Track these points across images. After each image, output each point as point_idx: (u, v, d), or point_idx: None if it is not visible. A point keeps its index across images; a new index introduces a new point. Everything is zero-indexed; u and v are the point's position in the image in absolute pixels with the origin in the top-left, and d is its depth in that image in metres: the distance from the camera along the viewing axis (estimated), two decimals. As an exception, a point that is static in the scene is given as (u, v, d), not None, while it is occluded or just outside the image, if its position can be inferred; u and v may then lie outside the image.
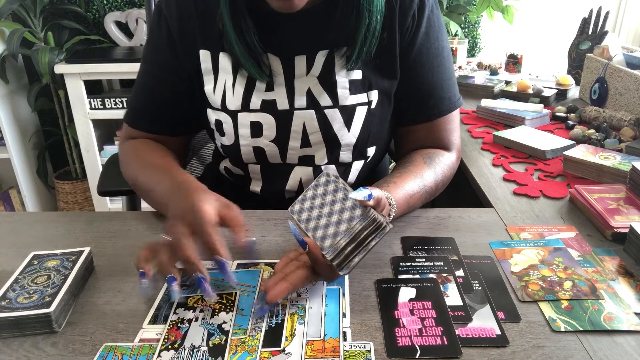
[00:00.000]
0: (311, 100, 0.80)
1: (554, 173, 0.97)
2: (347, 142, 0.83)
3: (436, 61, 0.84)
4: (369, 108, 0.82)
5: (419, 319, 0.57)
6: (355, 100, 0.81)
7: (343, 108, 0.81)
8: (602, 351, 0.53)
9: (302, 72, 0.80)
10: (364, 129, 0.83)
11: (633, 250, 0.70)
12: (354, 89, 0.81)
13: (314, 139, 0.82)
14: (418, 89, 0.84)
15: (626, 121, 1.16)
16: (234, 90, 0.81)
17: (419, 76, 0.83)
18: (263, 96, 0.80)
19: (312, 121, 0.81)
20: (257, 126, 0.81)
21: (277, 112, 0.81)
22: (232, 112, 0.81)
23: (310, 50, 0.79)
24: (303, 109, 0.81)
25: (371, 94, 0.82)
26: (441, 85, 0.85)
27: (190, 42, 0.82)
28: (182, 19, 0.81)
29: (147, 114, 0.88)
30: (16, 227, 0.81)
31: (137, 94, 0.88)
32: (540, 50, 2.28)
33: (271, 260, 0.69)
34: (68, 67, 2.05)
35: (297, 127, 0.81)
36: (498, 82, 1.57)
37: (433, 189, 0.81)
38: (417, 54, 0.82)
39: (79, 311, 0.60)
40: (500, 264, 0.68)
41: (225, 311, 0.59)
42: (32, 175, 2.40)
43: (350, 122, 0.82)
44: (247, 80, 0.80)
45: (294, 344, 0.54)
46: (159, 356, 0.52)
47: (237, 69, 0.80)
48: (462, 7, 2.22)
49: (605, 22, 1.58)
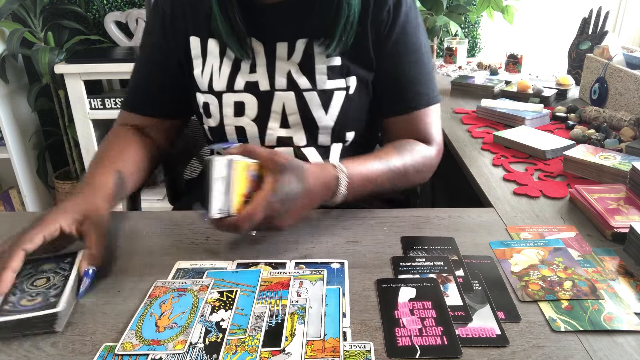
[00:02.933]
0: (291, 82, 0.85)
1: (554, 173, 0.97)
2: (325, 125, 0.86)
3: (414, 56, 0.87)
4: (347, 93, 0.86)
5: (419, 319, 0.57)
6: (334, 85, 0.85)
7: (321, 92, 0.85)
8: (602, 351, 0.53)
9: (284, 56, 0.85)
10: (342, 113, 0.86)
11: (633, 250, 0.70)
12: (332, 75, 0.85)
13: (292, 120, 0.86)
14: (396, 82, 0.88)
15: (626, 121, 1.16)
16: (220, 72, 0.87)
17: (397, 69, 0.87)
18: (247, 78, 0.86)
19: (291, 102, 0.85)
20: (240, 106, 0.87)
21: (259, 92, 0.86)
22: (218, 93, 0.87)
23: (291, 38, 0.84)
24: (283, 90, 0.85)
25: (349, 79, 0.86)
26: (419, 80, 0.88)
27: (181, 30, 0.88)
28: (174, 7, 0.88)
29: (140, 97, 0.94)
30: (16, 227, 0.81)
31: (132, 78, 0.94)
32: (540, 50, 2.28)
33: (271, 260, 0.69)
34: (68, 67, 2.05)
35: (277, 108, 0.86)
36: (498, 82, 1.57)
37: (401, 170, 0.82)
38: (394, 47, 0.86)
39: (79, 311, 0.60)
40: (500, 264, 0.68)
41: (224, 309, 0.59)
42: (32, 175, 2.40)
43: (328, 106, 0.85)
44: (233, 63, 0.86)
45: (294, 344, 0.54)
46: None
47: (224, 52, 0.86)
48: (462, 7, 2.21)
49: (605, 22, 1.57)
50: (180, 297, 0.61)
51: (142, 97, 0.93)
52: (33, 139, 2.39)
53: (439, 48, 2.36)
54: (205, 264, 0.69)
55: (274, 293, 0.62)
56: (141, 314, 0.59)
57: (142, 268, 0.68)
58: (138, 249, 0.73)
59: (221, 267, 0.68)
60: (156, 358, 0.52)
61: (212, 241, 0.75)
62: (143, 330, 0.56)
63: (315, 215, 0.81)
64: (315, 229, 0.77)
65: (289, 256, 0.70)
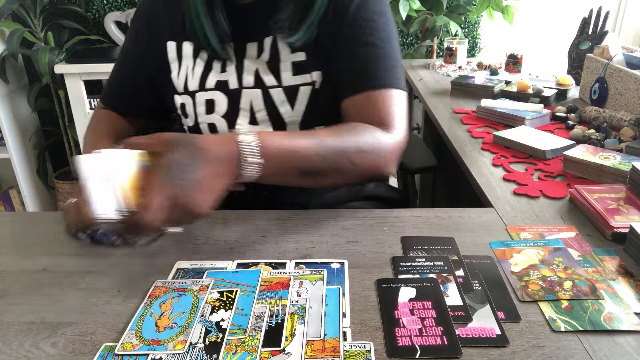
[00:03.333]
0: (258, 79, 0.87)
1: (554, 173, 0.97)
2: (292, 121, 0.87)
3: (370, 39, 0.84)
4: (313, 88, 0.86)
5: (419, 318, 0.57)
6: (299, 80, 0.86)
7: (287, 88, 0.86)
8: (602, 351, 0.53)
9: (253, 55, 0.87)
10: (309, 108, 0.86)
11: (633, 250, 0.70)
12: (297, 70, 0.86)
13: (260, 117, 0.87)
14: (349, 65, 0.85)
15: (626, 121, 1.16)
16: (193, 72, 0.90)
17: (351, 51, 0.84)
18: (218, 77, 0.88)
19: (258, 100, 0.87)
20: (211, 103, 0.89)
21: (229, 90, 0.88)
22: (192, 92, 0.90)
23: (259, 37, 0.87)
24: (250, 88, 0.87)
25: (314, 74, 0.86)
26: (375, 63, 0.84)
27: (156, 36, 0.93)
28: (152, 15, 0.93)
29: (113, 95, 1.00)
30: (16, 227, 0.81)
31: (111, 75, 1.01)
32: (540, 50, 2.28)
33: (271, 260, 0.69)
34: (68, 67, 2.05)
35: (245, 105, 0.88)
36: (498, 82, 1.57)
37: (337, 146, 0.74)
38: (349, 30, 0.84)
39: (79, 311, 0.60)
40: (500, 264, 0.68)
41: (224, 309, 0.59)
42: (32, 175, 2.40)
43: (294, 101, 0.86)
44: (206, 63, 0.89)
45: (294, 344, 0.54)
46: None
47: (198, 53, 0.90)
48: (462, 7, 2.22)
49: (605, 22, 1.58)
50: (180, 297, 0.61)
51: (118, 95, 1.00)
52: (33, 139, 2.40)
53: (439, 48, 2.37)
54: (205, 264, 0.69)
55: (274, 293, 0.62)
56: (141, 314, 0.59)
57: (142, 268, 0.68)
58: (138, 249, 0.73)
59: (221, 267, 0.68)
60: (156, 358, 0.52)
61: (212, 241, 0.75)
62: (143, 330, 0.56)
63: (315, 215, 0.81)
64: (315, 229, 0.77)
65: (289, 256, 0.70)
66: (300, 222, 0.79)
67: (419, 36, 2.42)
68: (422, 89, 1.66)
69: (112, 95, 1.00)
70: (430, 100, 1.51)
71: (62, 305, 0.61)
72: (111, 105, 1.00)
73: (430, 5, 2.21)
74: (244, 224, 0.79)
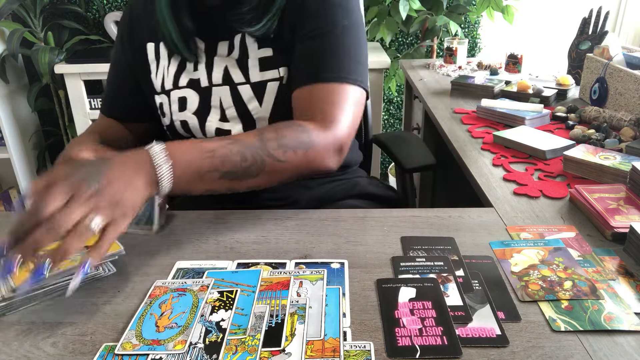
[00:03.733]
0: (226, 77, 0.88)
1: (554, 173, 0.97)
2: (261, 117, 0.87)
3: (325, 29, 0.82)
4: (280, 84, 0.86)
5: (419, 318, 0.57)
6: (267, 76, 0.86)
7: (254, 84, 0.87)
8: (602, 351, 0.53)
9: (224, 54, 0.89)
10: (277, 104, 0.87)
11: (633, 250, 0.70)
12: (264, 66, 0.86)
13: (229, 113, 0.89)
14: (300, 58, 0.84)
15: (626, 121, 1.16)
16: (168, 72, 0.92)
17: (304, 45, 0.84)
18: (190, 75, 0.90)
19: (226, 97, 0.88)
20: (183, 101, 0.90)
21: (200, 88, 0.90)
22: (167, 91, 0.92)
23: (229, 36, 0.88)
24: (219, 85, 0.88)
25: (281, 70, 0.86)
26: (326, 57, 0.82)
27: (139, 40, 0.95)
28: (132, 19, 0.95)
29: (111, 104, 1.01)
30: (16, 227, 0.81)
31: (105, 87, 1.04)
32: (540, 50, 2.28)
33: (271, 260, 0.69)
34: (68, 67, 2.05)
35: (215, 102, 0.89)
36: (498, 82, 1.57)
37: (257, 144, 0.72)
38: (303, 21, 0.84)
39: (79, 311, 0.60)
40: (500, 264, 0.68)
41: (224, 309, 0.59)
42: (32, 175, 2.40)
43: (261, 98, 0.86)
44: (179, 62, 0.91)
45: (294, 344, 0.54)
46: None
47: (173, 53, 0.91)
48: (462, 7, 2.22)
49: (605, 22, 1.57)
50: (180, 297, 0.61)
51: (115, 104, 1.01)
52: (33, 139, 2.40)
53: (439, 48, 2.37)
54: (205, 264, 0.69)
55: (274, 293, 0.62)
56: (141, 314, 0.59)
57: (142, 268, 0.68)
58: (138, 249, 0.73)
59: (221, 267, 0.68)
60: (156, 358, 0.52)
61: (212, 241, 0.75)
62: (143, 330, 0.56)
63: (315, 215, 0.81)
64: (315, 229, 0.77)
65: (289, 256, 0.70)
66: (300, 222, 0.79)
67: (419, 36, 2.42)
68: (422, 89, 1.66)
69: (108, 105, 1.01)
70: (430, 100, 1.51)
71: (62, 305, 0.61)
72: (109, 114, 1.01)
73: (430, 5, 2.21)
74: (244, 224, 0.79)
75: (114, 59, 1.00)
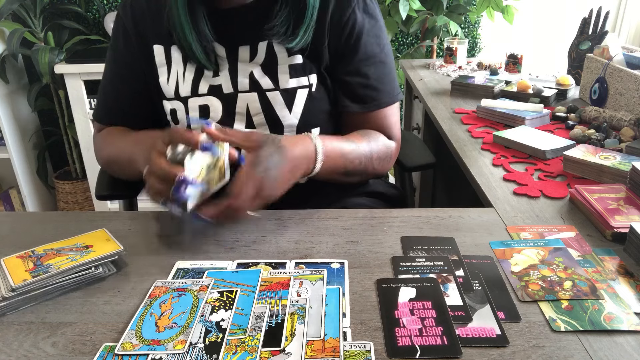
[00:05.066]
0: (253, 83, 0.87)
1: (554, 173, 0.97)
2: (290, 124, 0.87)
3: (378, 57, 0.91)
4: (309, 91, 0.87)
5: (419, 318, 0.57)
6: (296, 83, 0.87)
7: (284, 91, 0.86)
8: (602, 351, 0.53)
9: (246, 59, 0.87)
10: (306, 111, 0.88)
11: (633, 250, 0.70)
12: (294, 73, 0.87)
13: (257, 120, 0.88)
14: (359, 82, 0.90)
15: (626, 121, 1.16)
16: (184, 78, 0.88)
17: (360, 69, 0.89)
18: (210, 82, 0.87)
19: (254, 103, 0.86)
20: (205, 109, 0.88)
21: (223, 95, 0.87)
22: (183, 98, 0.88)
23: (252, 41, 0.86)
24: (246, 92, 0.87)
25: (311, 77, 0.88)
26: (382, 79, 0.92)
27: (144, 39, 0.90)
28: (135, 18, 0.90)
29: (111, 109, 0.96)
30: (16, 227, 0.81)
31: (100, 91, 0.97)
32: (540, 50, 2.28)
33: (271, 260, 0.69)
34: (68, 67, 2.05)
35: (241, 109, 0.87)
36: (498, 82, 1.57)
37: (368, 153, 0.87)
38: (355, 47, 0.88)
39: (79, 311, 0.60)
40: (500, 264, 0.68)
41: (224, 309, 0.59)
42: (32, 175, 2.40)
43: (291, 104, 0.87)
44: (196, 68, 0.88)
45: (294, 344, 0.54)
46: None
47: (187, 59, 0.88)
48: (462, 7, 2.22)
49: (605, 22, 1.57)
50: (180, 297, 0.61)
51: (113, 110, 0.96)
52: (33, 139, 2.40)
53: (439, 48, 2.37)
54: (205, 264, 0.69)
55: (274, 293, 0.62)
56: (141, 314, 0.59)
57: (142, 268, 0.68)
58: (138, 249, 0.73)
59: (221, 267, 0.68)
60: (156, 358, 0.52)
61: (212, 241, 0.75)
62: (143, 330, 0.56)
63: (315, 215, 0.81)
64: (315, 229, 0.77)
65: (289, 256, 0.70)
66: (300, 222, 0.79)
67: (419, 36, 2.42)
68: (422, 89, 1.66)
69: (109, 112, 0.96)
70: (430, 100, 1.51)
71: (62, 305, 0.61)
72: (110, 123, 0.96)
73: (430, 5, 2.21)
74: (244, 224, 0.79)
75: (110, 58, 0.95)
